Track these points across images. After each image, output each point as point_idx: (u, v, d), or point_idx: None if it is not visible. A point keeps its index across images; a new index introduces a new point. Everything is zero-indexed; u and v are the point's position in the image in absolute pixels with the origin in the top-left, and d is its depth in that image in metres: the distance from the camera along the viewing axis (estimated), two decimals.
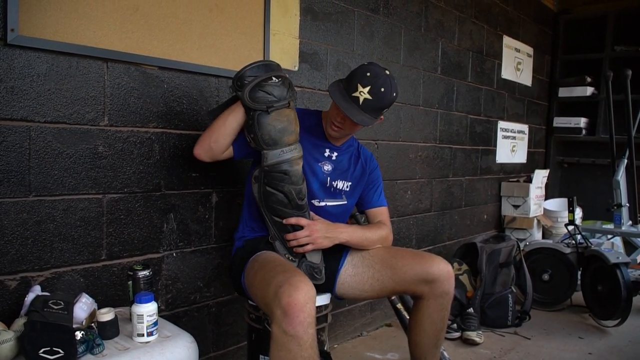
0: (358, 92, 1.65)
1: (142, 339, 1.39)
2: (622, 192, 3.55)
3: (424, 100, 3.19)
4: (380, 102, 1.68)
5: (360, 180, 1.91)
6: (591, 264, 3.19)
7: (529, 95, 4.59)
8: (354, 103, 1.66)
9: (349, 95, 1.66)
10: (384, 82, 1.67)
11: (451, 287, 1.78)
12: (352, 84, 1.67)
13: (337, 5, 2.50)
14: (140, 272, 1.51)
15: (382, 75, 1.67)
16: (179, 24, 1.82)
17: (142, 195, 1.78)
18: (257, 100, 1.57)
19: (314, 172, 1.80)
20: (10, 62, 1.44)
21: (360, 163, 1.92)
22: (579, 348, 2.77)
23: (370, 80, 1.65)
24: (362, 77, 1.66)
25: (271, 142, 1.59)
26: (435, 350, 1.88)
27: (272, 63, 1.67)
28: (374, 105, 1.67)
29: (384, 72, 1.69)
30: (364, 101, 1.65)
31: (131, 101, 1.73)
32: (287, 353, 1.38)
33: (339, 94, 1.68)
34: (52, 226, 1.55)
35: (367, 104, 1.66)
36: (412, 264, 1.75)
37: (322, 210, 1.81)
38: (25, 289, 1.48)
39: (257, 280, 1.56)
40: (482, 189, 4.00)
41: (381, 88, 1.66)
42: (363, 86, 1.65)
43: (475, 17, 3.66)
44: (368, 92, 1.64)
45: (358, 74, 1.68)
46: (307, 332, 1.37)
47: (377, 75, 1.67)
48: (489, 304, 3.02)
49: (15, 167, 1.46)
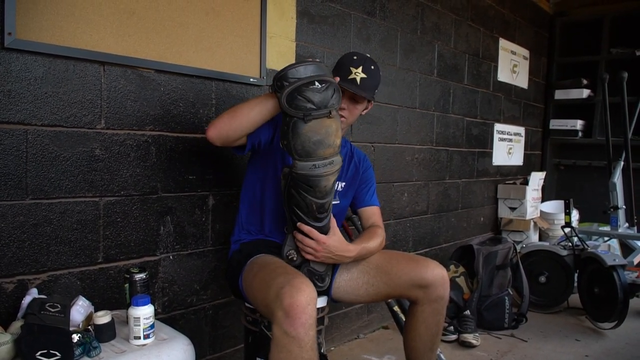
0: (354, 74, 1.71)
1: (138, 342, 1.39)
2: (619, 194, 3.56)
3: (420, 102, 3.20)
4: (374, 80, 1.77)
5: (354, 180, 1.91)
6: (588, 266, 3.20)
7: (525, 97, 4.61)
8: (353, 84, 1.71)
9: (346, 79, 1.70)
10: (371, 62, 1.76)
11: (446, 291, 1.77)
12: (344, 69, 1.73)
13: (333, 8, 2.51)
14: (137, 275, 1.51)
15: (367, 57, 1.78)
16: (175, 28, 1.82)
17: (139, 198, 1.78)
18: (295, 106, 1.44)
19: None
20: (8, 65, 1.44)
21: (353, 163, 1.92)
22: (576, 350, 2.77)
23: (359, 61, 1.74)
24: (351, 61, 1.74)
25: (304, 154, 1.48)
26: (431, 354, 1.88)
27: (320, 64, 1.54)
28: (370, 83, 1.75)
29: (366, 55, 1.80)
30: (362, 80, 1.72)
31: (128, 104, 1.73)
32: (287, 354, 1.37)
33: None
34: (49, 229, 1.55)
35: (365, 83, 1.73)
36: (407, 269, 1.75)
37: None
38: (22, 291, 1.48)
39: (257, 281, 1.56)
40: (479, 191, 4.01)
41: (371, 66, 1.75)
42: (356, 67, 1.72)
43: (472, 20, 3.68)
44: (362, 72, 1.72)
45: (346, 60, 1.76)
46: (308, 333, 1.37)
47: (363, 57, 1.77)
48: (485, 306, 3.03)
49: (12, 170, 1.47)
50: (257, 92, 2.16)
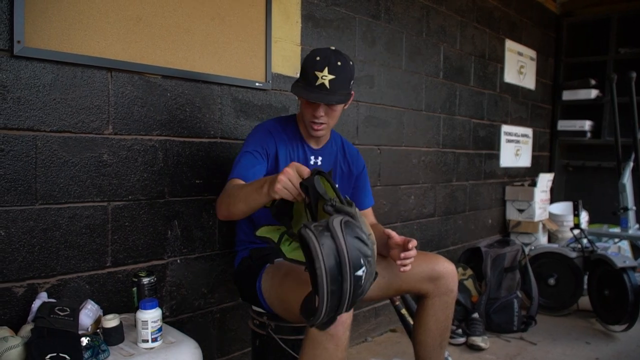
0: (320, 79, 1.61)
1: (146, 345, 1.40)
2: (629, 195, 3.53)
3: (426, 105, 3.20)
4: (345, 76, 1.64)
5: (348, 180, 1.90)
6: (597, 268, 3.17)
7: (533, 98, 4.59)
8: (321, 91, 1.62)
9: (314, 87, 1.62)
10: (336, 58, 1.63)
11: (455, 285, 1.81)
12: (309, 75, 1.62)
13: (338, 12, 2.53)
14: (145, 279, 1.53)
15: (330, 53, 1.64)
16: (181, 33, 1.84)
17: (147, 202, 1.80)
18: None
19: None
20: (17, 73, 1.47)
21: (346, 162, 1.90)
22: (586, 353, 2.75)
23: (323, 62, 1.61)
24: (314, 64, 1.62)
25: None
26: (440, 351, 1.88)
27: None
28: (340, 82, 1.63)
29: (329, 49, 1.66)
30: (330, 83, 1.61)
31: (135, 110, 1.75)
32: (323, 351, 1.39)
33: (304, 90, 1.64)
34: (58, 234, 1.57)
35: (334, 84, 1.62)
36: (418, 262, 1.75)
37: None
38: (32, 295, 1.50)
39: (289, 280, 1.54)
40: (486, 193, 3.99)
41: (337, 62, 1.62)
42: (321, 70, 1.61)
43: (477, 22, 3.68)
44: (329, 73, 1.61)
45: (308, 64, 1.64)
46: (345, 333, 1.40)
47: (326, 55, 1.63)
48: (494, 308, 3.01)
49: (22, 176, 1.49)
50: (262, 96, 2.17)
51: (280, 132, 1.76)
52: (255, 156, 1.68)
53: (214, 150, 2.01)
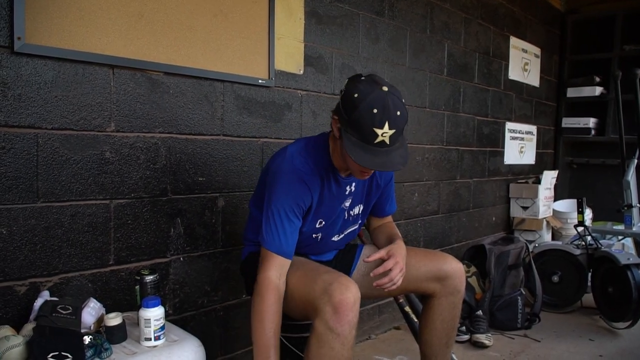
0: (381, 136, 1.38)
1: (149, 343, 1.40)
2: (633, 192, 3.51)
3: (430, 102, 3.19)
4: (402, 124, 1.42)
5: (374, 195, 1.78)
6: (601, 266, 3.16)
7: (537, 95, 4.57)
8: (382, 149, 1.40)
9: (372, 145, 1.39)
10: (393, 104, 1.38)
11: (463, 284, 1.78)
12: (367, 132, 1.38)
13: (341, 8, 2.51)
14: (147, 277, 1.52)
15: (388, 102, 1.37)
16: (183, 30, 1.83)
17: (149, 200, 1.79)
18: None
19: (337, 215, 1.68)
20: (18, 69, 1.46)
21: (375, 182, 1.75)
22: (590, 350, 2.74)
23: (382, 115, 1.37)
24: (372, 118, 1.37)
25: None
26: (447, 350, 1.87)
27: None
28: (399, 133, 1.42)
29: (383, 93, 1.38)
30: (391, 138, 1.40)
31: (137, 107, 1.74)
32: (329, 350, 1.38)
33: (362, 152, 1.40)
34: (60, 232, 1.56)
35: (394, 138, 1.41)
36: (425, 261, 1.75)
37: (342, 241, 1.80)
38: (34, 294, 1.49)
39: (296, 277, 1.53)
40: (490, 190, 3.98)
41: (397, 112, 1.39)
42: (381, 127, 1.37)
43: (481, 19, 3.66)
44: (389, 128, 1.38)
45: (365, 117, 1.37)
46: (351, 332, 1.39)
47: (384, 105, 1.37)
48: (498, 306, 3.00)
49: (24, 174, 1.48)
50: (265, 93, 2.16)
51: (313, 175, 1.56)
52: (290, 219, 1.52)
53: (217, 147, 2.00)
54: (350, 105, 1.40)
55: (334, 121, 1.50)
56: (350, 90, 1.42)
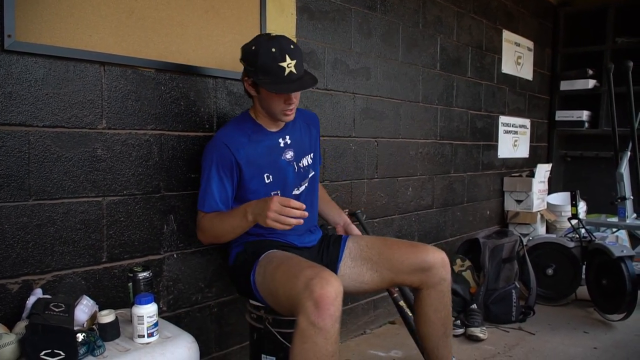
0: (287, 67, 1.61)
1: (142, 340, 1.40)
2: (626, 184, 3.53)
3: (423, 96, 3.19)
4: (300, 54, 1.68)
5: (316, 144, 1.96)
6: (595, 258, 3.17)
7: (530, 89, 4.57)
8: (294, 78, 1.63)
9: (284, 77, 1.62)
10: (285, 41, 1.65)
11: (448, 274, 1.81)
12: (273, 69, 1.61)
13: (333, 3, 2.50)
14: (140, 274, 1.52)
15: (279, 40, 1.64)
16: (174, 26, 1.82)
17: (142, 197, 1.79)
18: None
19: (282, 168, 1.80)
20: (8, 67, 1.45)
21: (308, 128, 1.94)
22: (584, 342, 2.76)
23: (281, 50, 1.61)
24: (273, 56, 1.61)
25: None
26: (446, 339, 1.88)
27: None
28: (300, 62, 1.67)
29: (269, 36, 1.67)
30: (296, 67, 1.63)
31: (129, 104, 1.74)
32: (312, 345, 1.38)
33: (279, 84, 1.63)
34: (52, 229, 1.56)
35: (299, 67, 1.65)
36: (408, 253, 1.79)
37: (303, 195, 1.85)
38: (27, 292, 1.49)
39: (280, 273, 1.55)
40: (484, 184, 3.99)
41: (290, 46, 1.64)
42: (284, 60, 1.61)
43: (474, 12, 3.66)
44: (291, 59, 1.62)
45: (266, 59, 1.61)
46: (334, 326, 1.39)
47: (277, 44, 1.62)
48: (492, 299, 3.01)
49: (15, 172, 1.47)
50: None
51: (236, 137, 1.74)
52: (220, 178, 1.71)
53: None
54: (252, 56, 1.64)
55: (246, 82, 1.72)
56: (246, 48, 1.67)
